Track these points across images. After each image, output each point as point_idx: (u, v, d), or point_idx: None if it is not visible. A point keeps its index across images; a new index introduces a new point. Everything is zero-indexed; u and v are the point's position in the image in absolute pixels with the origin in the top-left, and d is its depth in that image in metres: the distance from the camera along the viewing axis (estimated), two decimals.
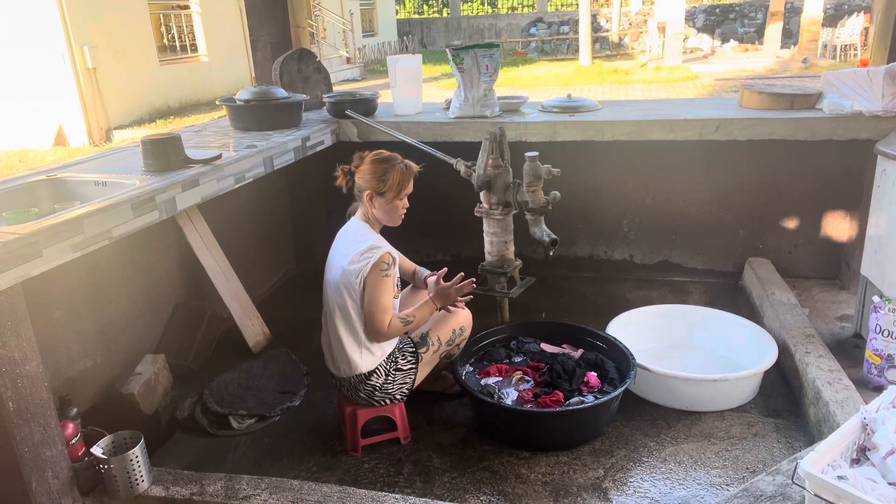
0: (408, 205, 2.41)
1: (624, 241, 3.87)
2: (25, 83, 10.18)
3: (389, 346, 2.38)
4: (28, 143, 10.35)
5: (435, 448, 2.45)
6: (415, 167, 2.41)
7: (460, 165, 2.94)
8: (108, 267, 2.67)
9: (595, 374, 2.60)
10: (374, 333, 2.28)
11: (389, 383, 2.37)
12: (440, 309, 2.43)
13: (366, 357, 2.33)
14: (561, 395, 2.48)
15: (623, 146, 3.40)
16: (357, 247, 2.29)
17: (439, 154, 3.02)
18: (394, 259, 2.28)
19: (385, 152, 2.40)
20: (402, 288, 2.59)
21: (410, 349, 2.41)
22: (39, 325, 1.96)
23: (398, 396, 2.41)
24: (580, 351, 2.80)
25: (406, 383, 2.40)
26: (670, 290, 3.68)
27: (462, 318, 2.52)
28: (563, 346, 2.87)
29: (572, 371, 2.62)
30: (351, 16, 19.31)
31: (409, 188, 2.39)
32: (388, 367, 2.37)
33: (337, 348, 2.36)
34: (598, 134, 3.34)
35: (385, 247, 2.30)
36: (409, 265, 2.69)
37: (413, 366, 2.40)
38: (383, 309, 2.25)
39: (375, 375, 2.34)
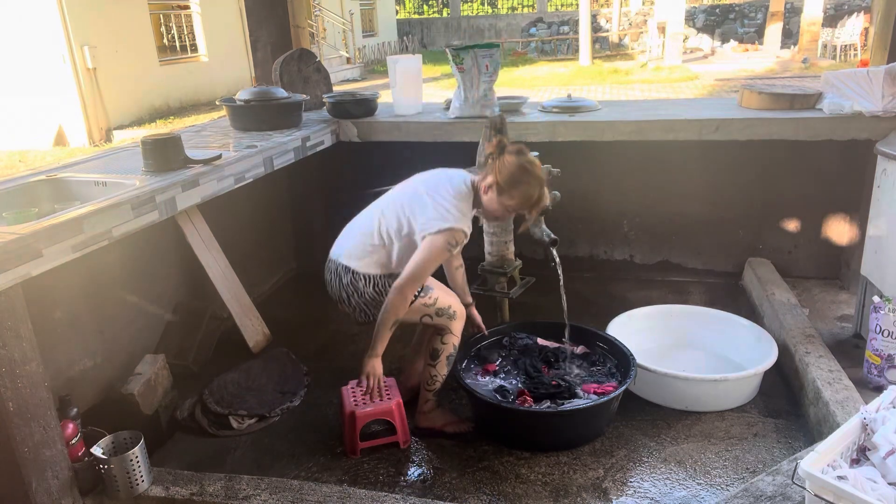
0: (509, 218, 2.39)
1: (624, 241, 3.87)
2: (25, 83, 10.18)
3: (386, 265, 2.34)
4: (28, 144, 10.34)
5: (435, 448, 2.45)
6: (545, 203, 2.31)
7: None
8: (108, 267, 2.67)
9: (595, 384, 2.60)
10: (396, 286, 2.21)
11: (372, 299, 2.32)
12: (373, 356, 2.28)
13: (368, 264, 2.31)
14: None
15: (623, 146, 3.40)
16: (446, 203, 2.24)
17: None
18: (464, 240, 2.25)
19: (538, 168, 2.28)
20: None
21: None
22: (39, 325, 1.96)
23: (371, 319, 2.32)
24: (581, 347, 2.80)
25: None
26: (670, 290, 3.68)
27: (458, 307, 2.44)
28: (563, 341, 2.86)
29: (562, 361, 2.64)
30: (351, 16, 19.31)
31: (522, 209, 2.31)
32: (381, 287, 2.32)
33: (356, 231, 2.37)
34: (598, 134, 3.34)
35: (465, 225, 2.24)
36: (460, 277, 2.70)
37: None
38: (420, 278, 2.21)
39: (363, 283, 2.32)
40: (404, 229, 2.29)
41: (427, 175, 2.44)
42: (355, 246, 2.36)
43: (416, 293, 2.29)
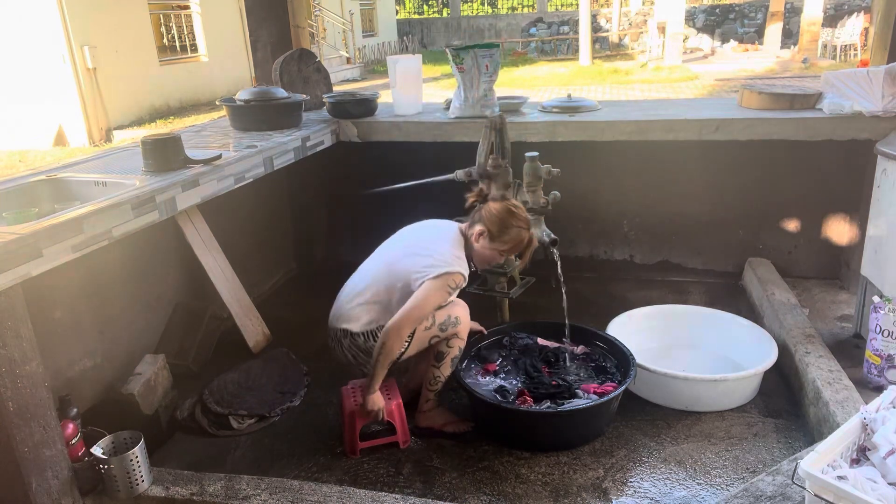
0: (501, 262, 2.43)
1: (624, 241, 3.87)
2: (25, 83, 10.18)
3: (382, 320, 2.34)
4: (28, 143, 10.35)
5: (435, 448, 2.45)
6: (535, 244, 2.42)
7: (459, 174, 2.94)
8: (108, 267, 2.67)
9: (594, 384, 2.59)
10: (392, 325, 2.22)
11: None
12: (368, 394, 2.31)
13: (363, 321, 2.34)
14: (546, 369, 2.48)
15: (623, 146, 3.40)
16: (441, 250, 2.30)
17: (437, 179, 3.02)
18: (462, 283, 2.31)
19: (523, 210, 2.40)
20: None
21: None
22: (39, 325, 1.96)
23: None
24: (581, 347, 2.80)
25: None
26: (670, 290, 3.68)
27: (459, 310, 2.41)
28: (563, 340, 2.86)
29: (562, 362, 2.65)
30: (351, 16, 19.31)
31: (517, 251, 2.40)
32: (377, 334, 2.34)
33: (349, 294, 2.38)
34: (598, 134, 3.34)
35: (462, 268, 2.31)
36: None
37: (407, 339, 2.31)
38: (416, 319, 2.24)
39: (362, 338, 2.35)
40: (400, 283, 2.32)
41: (415, 227, 2.49)
42: (350, 309, 2.38)
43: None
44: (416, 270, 2.29)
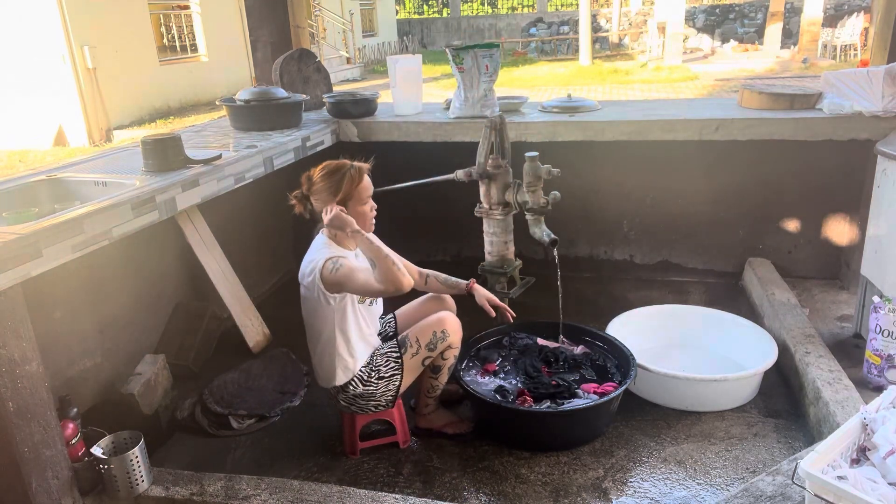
0: (375, 206, 2.32)
1: (624, 241, 3.87)
2: (25, 83, 10.18)
3: (362, 359, 2.32)
4: (28, 143, 10.34)
5: (435, 448, 2.45)
6: (365, 166, 2.29)
7: (459, 173, 2.94)
8: (108, 267, 2.67)
9: (594, 384, 2.59)
10: (396, 291, 2.12)
11: (371, 392, 2.32)
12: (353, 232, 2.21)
13: (339, 371, 2.29)
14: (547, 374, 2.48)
15: (623, 146, 3.40)
16: (310, 261, 2.23)
17: (437, 179, 3.01)
18: (337, 256, 2.19)
19: (332, 163, 2.29)
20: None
21: (395, 355, 2.34)
22: (39, 325, 1.96)
23: (383, 403, 2.36)
24: (581, 347, 2.80)
25: (390, 390, 2.34)
26: (670, 290, 3.68)
27: (446, 321, 2.37)
28: (563, 340, 2.86)
29: (566, 363, 2.65)
30: (351, 16, 19.31)
31: (369, 190, 2.29)
32: (367, 376, 2.31)
33: (313, 358, 2.36)
34: (598, 134, 3.34)
35: (331, 253, 2.21)
36: (413, 268, 2.65)
37: (396, 372, 2.33)
38: (367, 283, 2.13)
39: (352, 386, 2.31)
40: (319, 320, 2.25)
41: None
42: (325, 371, 2.32)
43: (399, 354, 2.33)
44: (311, 293, 2.22)
